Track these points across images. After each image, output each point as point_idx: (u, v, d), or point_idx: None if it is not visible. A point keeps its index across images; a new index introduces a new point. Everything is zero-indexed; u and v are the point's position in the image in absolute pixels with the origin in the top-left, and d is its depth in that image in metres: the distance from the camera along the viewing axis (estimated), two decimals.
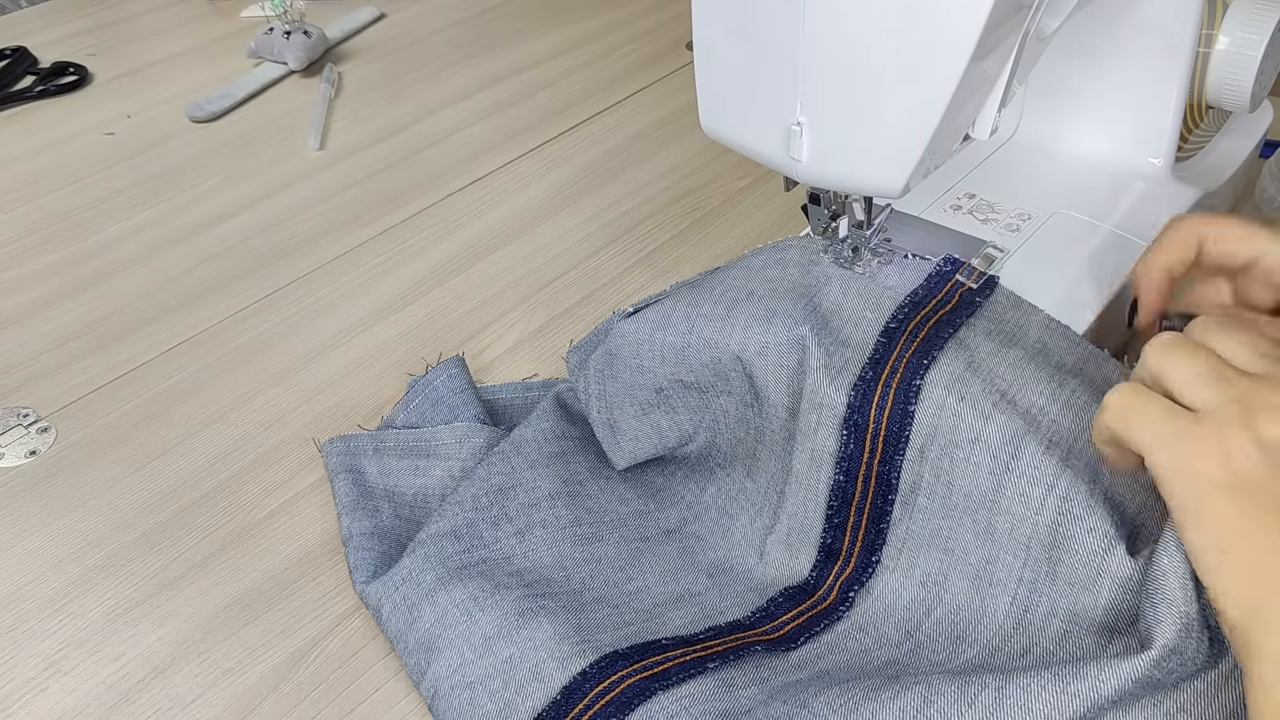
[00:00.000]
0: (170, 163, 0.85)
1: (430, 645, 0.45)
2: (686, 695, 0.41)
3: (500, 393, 0.60)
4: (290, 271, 0.72)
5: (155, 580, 0.51)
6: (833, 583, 0.47)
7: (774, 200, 0.76)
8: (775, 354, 0.47)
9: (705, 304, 0.50)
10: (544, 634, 0.44)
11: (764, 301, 0.49)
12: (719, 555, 0.51)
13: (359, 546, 0.49)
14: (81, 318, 0.68)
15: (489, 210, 0.78)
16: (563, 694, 0.42)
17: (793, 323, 0.47)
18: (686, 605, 0.48)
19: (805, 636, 0.46)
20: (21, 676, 0.47)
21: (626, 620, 0.46)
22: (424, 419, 0.56)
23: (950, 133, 0.44)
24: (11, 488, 0.57)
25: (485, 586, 0.46)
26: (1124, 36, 0.57)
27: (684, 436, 0.52)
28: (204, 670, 0.47)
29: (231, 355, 0.65)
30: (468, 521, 0.49)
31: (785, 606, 0.47)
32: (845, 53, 0.42)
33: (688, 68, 0.96)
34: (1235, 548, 0.33)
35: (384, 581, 0.47)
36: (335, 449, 0.54)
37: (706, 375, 0.50)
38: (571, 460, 0.53)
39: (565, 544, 0.50)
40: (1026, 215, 0.57)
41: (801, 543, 0.48)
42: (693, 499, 0.53)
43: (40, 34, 1.06)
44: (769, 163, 0.48)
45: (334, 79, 0.95)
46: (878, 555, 0.47)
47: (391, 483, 0.53)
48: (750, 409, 0.50)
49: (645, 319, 0.51)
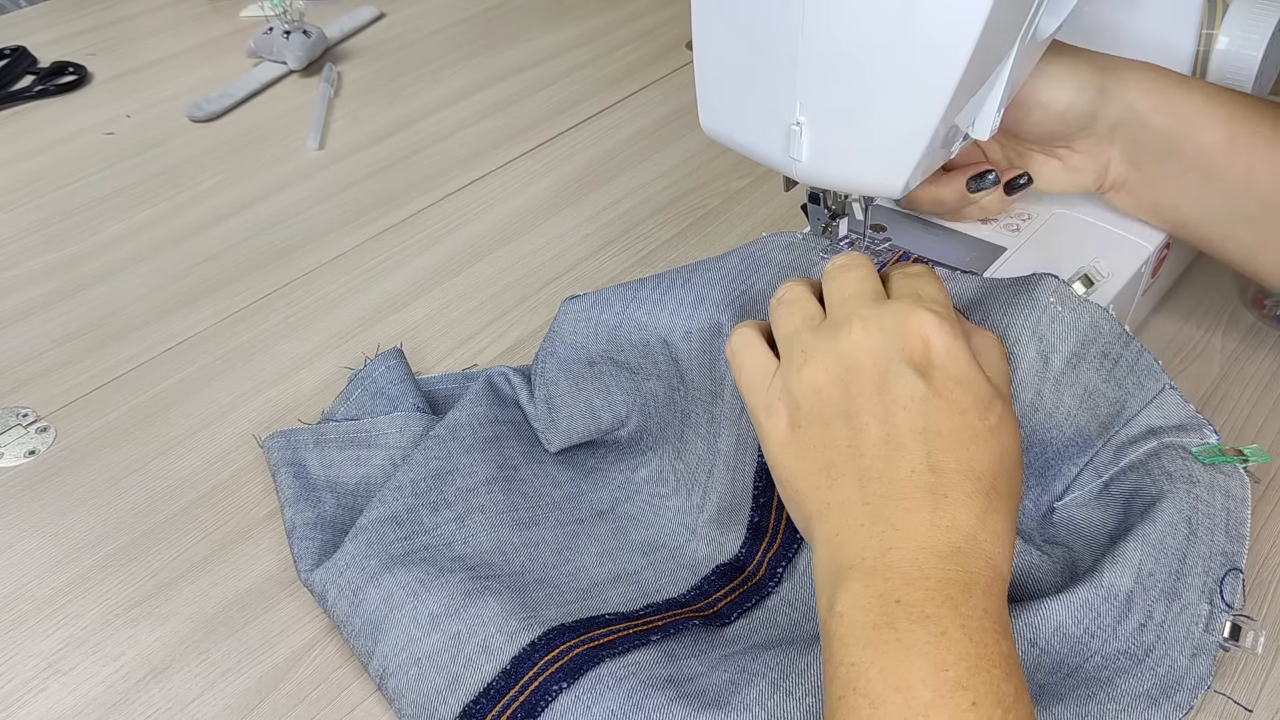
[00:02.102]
0: (170, 162, 0.85)
1: (377, 625, 0.45)
2: (633, 663, 0.43)
3: (440, 383, 0.60)
4: (290, 271, 0.72)
5: (155, 580, 0.51)
6: (761, 559, 0.50)
7: (774, 200, 0.76)
8: (698, 339, 0.49)
9: (644, 288, 0.52)
10: (490, 611, 0.45)
11: (696, 288, 0.51)
12: (652, 534, 0.52)
13: (302, 536, 0.50)
14: (81, 318, 0.68)
15: (489, 210, 0.77)
16: (513, 664, 0.43)
17: (716, 310, 0.49)
18: (624, 584, 0.49)
19: (738, 613, 0.48)
20: (21, 676, 0.47)
21: (568, 599, 0.48)
22: (364, 411, 0.56)
23: (950, 133, 0.44)
24: (11, 488, 0.57)
25: (429, 571, 0.47)
26: (1124, 37, 0.57)
27: (617, 419, 0.53)
28: (204, 670, 0.47)
29: (231, 355, 0.65)
30: (408, 507, 0.50)
31: (717, 584, 0.49)
32: (845, 53, 0.42)
33: (688, 68, 0.96)
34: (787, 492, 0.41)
35: (327, 567, 0.48)
36: (276, 444, 0.55)
37: (635, 356, 0.51)
38: (505, 445, 0.54)
39: (504, 528, 0.51)
40: (1026, 215, 0.57)
41: (732, 521, 0.50)
42: (624, 480, 0.54)
43: (40, 34, 1.06)
44: (769, 163, 0.48)
45: (334, 79, 0.95)
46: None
47: (333, 474, 0.53)
48: (677, 392, 0.51)
49: (587, 299, 0.53)
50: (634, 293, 0.52)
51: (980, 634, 0.34)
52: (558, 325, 0.53)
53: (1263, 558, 0.49)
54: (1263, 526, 0.50)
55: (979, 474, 0.38)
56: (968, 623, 0.34)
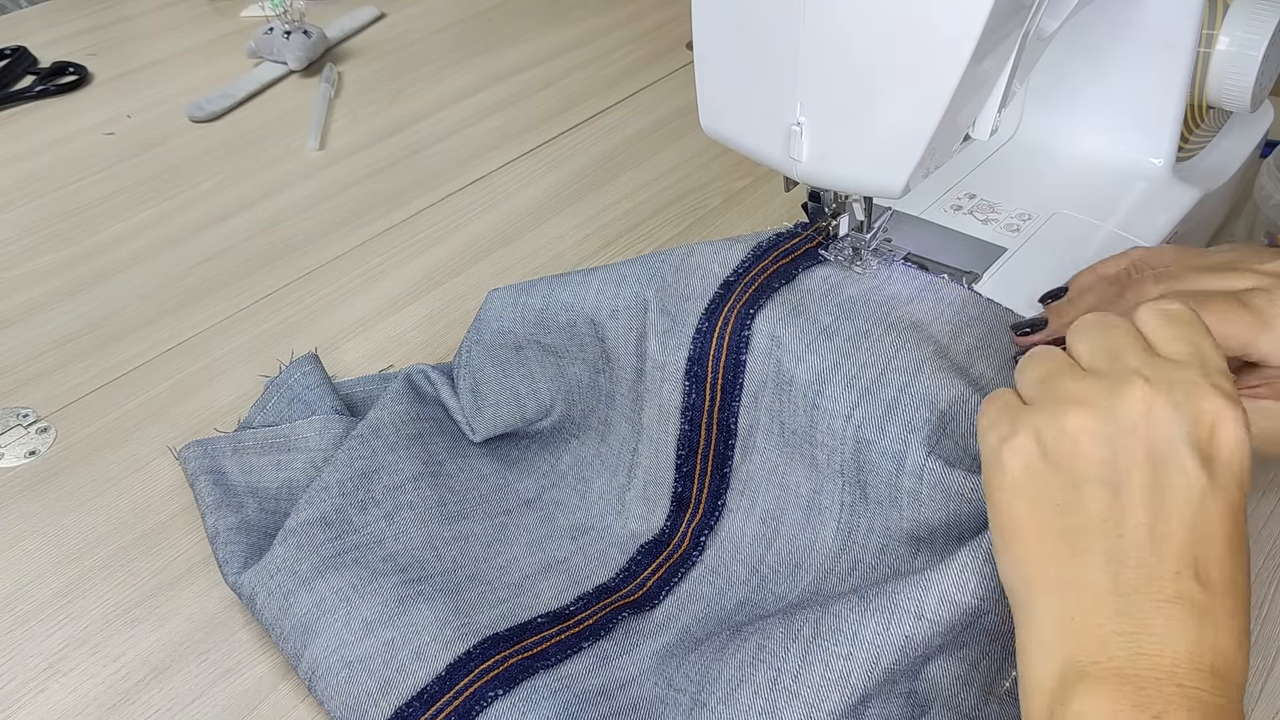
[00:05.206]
0: (170, 162, 0.85)
1: (307, 628, 0.45)
2: (566, 675, 0.43)
3: (357, 385, 0.60)
4: (290, 271, 0.72)
5: (155, 580, 0.51)
6: (685, 530, 0.50)
7: (774, 200, 0.76)
8: (625, 316, 0.50)
9: (570, 275, 0.53)
10: (425, 619, 0.45)
11: (619, 267, 0.52)
12: (579, 517, 0.53)
13: (226, 541, 0.49)
14: (81, 318, 0.68)
15: (489, 210, 0.77)
16: (448, 670, 0.43)
17: (640, 286, 0.50)
18: (555, 574, 0.50)
19: (665, 590, 0.49)
20: (21, 677, 0.47)
21: (501, 597, 0.48)
22: (281, 417, 0.56)
23: (950, 133, 0.44)
24: (11, 488, 0.57)
25: (362, 574, 0.46)
26: (1124, 36, 0.57)
27: (541, 409, 0.54)
28: (204, 670, 0.47)
29: (231, 355, 0.65)
30: (336, 507, 0.49)
31: (644, 562, 0.50)
32: (845, 53, 0.42)
33: (688, 68, 0.96)
34: (1010, 544, 0.36)
35: (257, 570, 0.47)
36: (193, 453, 0.54)
37: (562, 339, 0.52)
38: (429, 442, 0.54)
39: (433, 523, 0.51)
40: (1026, 215, 0.57)
41: (657, 495, 0.51)
42: (549, 467, 0.55)
43: (40, 34, 1.06)
44: (769, 163, 0.48)
45: (334, 79, 0.95)
46: (723, 499, 0.50)
47: (254, 479, 0.53)
48: (601, 375, 0.52)
49: (513, 287, 0.54)
50: (558, 278, 0.53)
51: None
52: (483, 313, 0.54)
53: (1263, 557, 0.49)
54: (1263, 526, 0.50)
55: (1239, 588, 0.33)
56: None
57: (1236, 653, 0.33)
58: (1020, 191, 0.59)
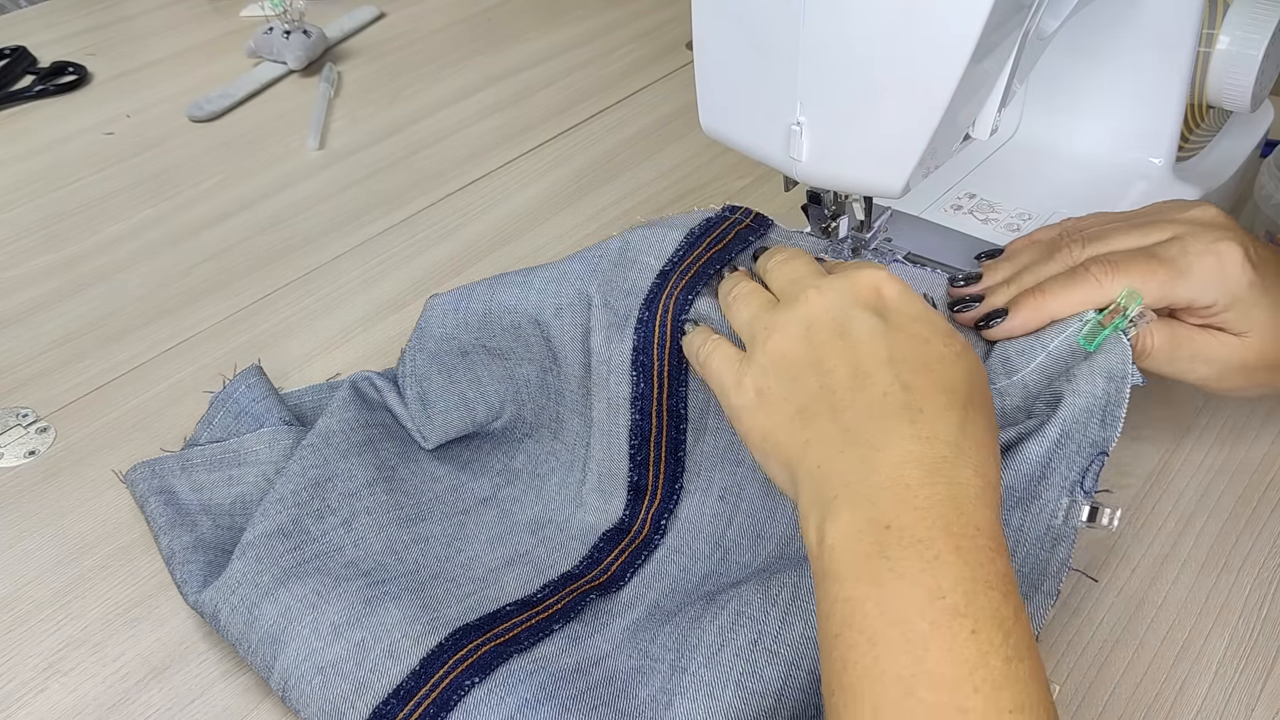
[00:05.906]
0: (169, 162, 0.85)
1: (275, 639, 0.44)
2: (540, 657, 0.44)
3: (304, 395, 0.59)
4: (290, 271, 0.72)
5: (154, 580, 0.51)
6: (645, 516, 0.51)
7: (774, 200, 0.76)
8: (570, 313, 0.50)
9: (508, 276, 0.53)
10: (393, 618, 0.45)
11: (558, 264, 0.52)
12: (537, 511, 0.53)
13: (184, 561, 0.49)
14: (81, 318, 0.68)
15: (489, 210, 0.77)
16: (421, 664, 0.43)
17: (582, 282, 0.50)
18: (518, 565, 0.50)
19: (630, 572, 0.49)
20: (21, 677, 0.47)
21: (467, 591, 0.48)
22: (229, 433, 0.55)
23: (950, 133, 0.44)
24: (11, 488, 0.56)
25: (325, 581, 0.46)
26: (1124, 36, 0.57)
27: (491, 412, 0.54)
28: (204, 670, 0.47)
29: (231, 355, 0.65)
30: (292, 518, 0.49)
31: (606, 550, 0.51)
32: (845, 52, 0.42)
33: (688, 68, 0.96)
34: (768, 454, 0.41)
35: (218, 587, 0.47)
36: (140, 475, 0.53)
37: (507, 340, 0.52)
38: (380, 447, 0.54)
39: (391, 527, 0.51)
40: (1027, 215, 0.57)
41: (613, 486, 0.52)
42: (502, 467, 0.55)
43: (40, 34, 1.06)
44: (769, 163, 0.48)
45: (333, 78, 0.95)
46: (680, 482, 0.51)
47: (205, 496, 0.52)
48: (550, 373, 0.52)
49: (452, 293, 0.54)
50: (498, 280, 0.53)
51: (974, 554, 0.34)
52: (424, 321, 0.54)
53: (1263, 558, 0.49)
54: (1263, 526, 0.50)
55: (953, 388, 0.38)
56: (961, 543, 0.34)
57: (959, 436, 0.37)
58: (1020, 191, 0.59)
